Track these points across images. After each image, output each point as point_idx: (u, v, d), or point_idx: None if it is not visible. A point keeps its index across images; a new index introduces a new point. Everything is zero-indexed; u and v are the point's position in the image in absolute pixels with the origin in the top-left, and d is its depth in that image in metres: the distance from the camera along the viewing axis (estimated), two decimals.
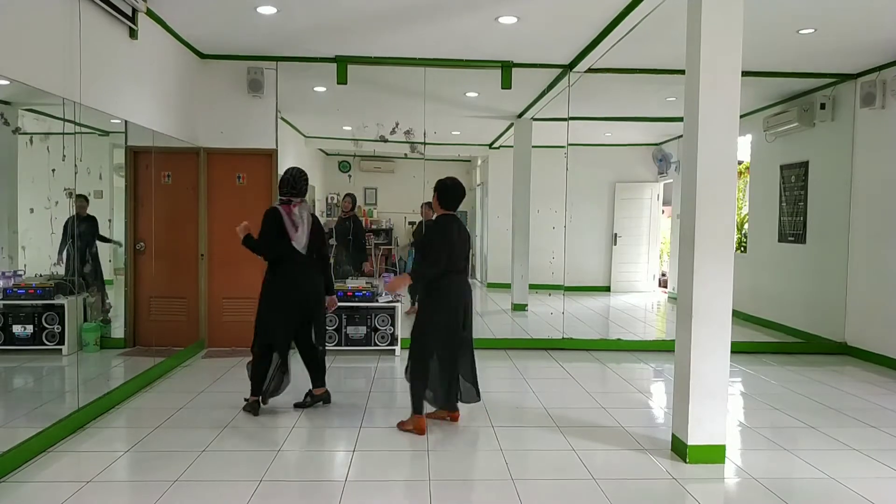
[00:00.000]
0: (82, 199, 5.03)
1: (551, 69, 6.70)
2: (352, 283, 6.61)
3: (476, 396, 4.41)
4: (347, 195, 8.00)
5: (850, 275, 6.92)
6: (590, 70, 6.53)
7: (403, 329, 6.64)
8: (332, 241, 7.63)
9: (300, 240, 4.36)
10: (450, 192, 4.26)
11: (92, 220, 5.44)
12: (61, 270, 4.93)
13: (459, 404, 4.40)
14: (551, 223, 6.02)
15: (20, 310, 4.91)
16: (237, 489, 3.27)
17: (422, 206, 7.87)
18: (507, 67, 6.54)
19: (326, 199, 10.43)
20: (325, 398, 4.72)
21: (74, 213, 4.72)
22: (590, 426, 4.36)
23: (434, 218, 4.35)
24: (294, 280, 4.42)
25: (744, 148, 8.77)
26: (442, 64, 6.49)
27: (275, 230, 4.34)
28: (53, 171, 4.52)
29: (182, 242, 6.43)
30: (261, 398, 4.48)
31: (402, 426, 4.22)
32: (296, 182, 4.44)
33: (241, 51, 6.32)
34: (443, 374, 4.25)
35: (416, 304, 6.47)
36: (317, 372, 4.67)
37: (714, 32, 3.64)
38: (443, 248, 4.09)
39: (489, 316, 8.78)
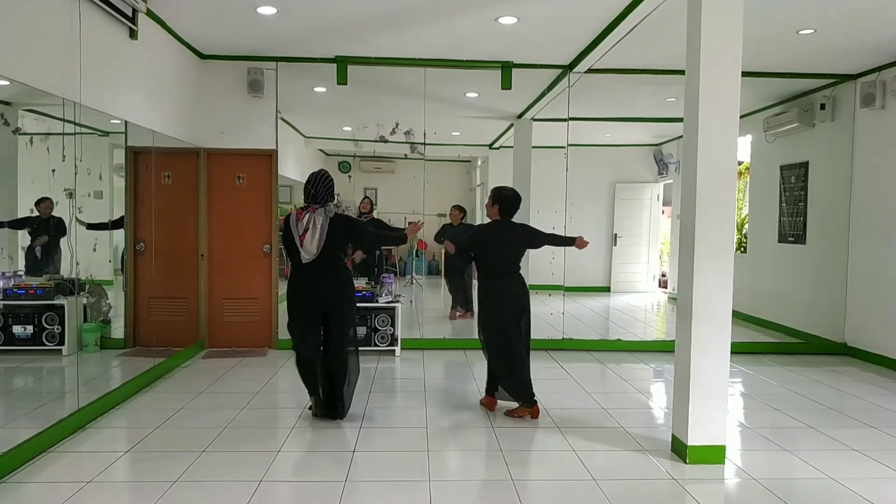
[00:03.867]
0: (48, 201, 4.82)
1: (551, 69, 6.70)
2: None
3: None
4: (366, 197, 8.31)
5: (850, 275, 6.92)
6: (590, 70, 6.53)
7: (403, 330, 6.64)
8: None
9: (308, 248, 4.16)
10: (508, 202, 4.55)
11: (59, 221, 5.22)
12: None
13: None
14: (551, 224, 6.01)
15: (20, 310, 4.91)
16: (237, 489, 3.27)
17: (451, 209, 8.15)
18: (506, 68, 6.54)
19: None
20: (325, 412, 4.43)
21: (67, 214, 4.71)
22: (590, 427, 4.36)
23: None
24: (300, 284, 4.27)
25: (744, 148, 8.77)
26: (442, 64, 6.49)
27: (285, 236, 4.29)
28: (53, 171, 4.51)
29: (182, 242, 6.43)
30: (319, 396, 4.36)
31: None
32: (312, 188, 4.26)
33: (241, 51, 6.32)
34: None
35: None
36: (335, 391, 4.35)
37: (714, 32, 3.64)
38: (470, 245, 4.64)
39: None
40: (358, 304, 6.33)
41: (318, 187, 4.26)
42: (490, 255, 4.54)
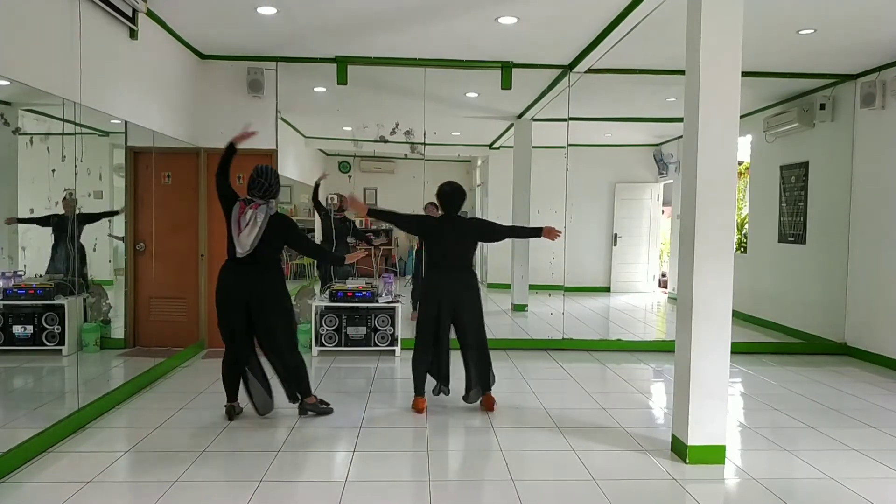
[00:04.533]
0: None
1: (551, 69, 6.70)
2: (352, 284, 6.61)
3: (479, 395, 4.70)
4: (328, 197, 8.01)
5: (850, 275, 6.92)
6: (590, 70, 6.53)
7: (403, 329, 6.64)
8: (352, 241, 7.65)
9: (243, 242, 4.12)
10: (446, 198, 4.67)
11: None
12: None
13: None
14: (551, 224, 6.05)
15: (20, 310, 4.91)
16: (237, 489, 3.27)
17: (426, 206, 7.89)
18: (507, 68, 6.54)
19: (326, 199, 10.42)
20: (316, 408, 4.47)
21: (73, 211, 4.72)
22: (590, 427, 4.36)
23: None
24: (228, 280, 4.24)
25: (744, 148, 8.77)
26: (442, 64, 6.49)
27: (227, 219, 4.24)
28: (53, 171, 4.52)
29: (182, 242, 6.42)
30: (235, 403, 4.41)
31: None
32: (266, 181, 4.23)
33: (241, 51, 6.32)
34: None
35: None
36: (288, 384, 4.42)
37: (714, 32, 3.64)
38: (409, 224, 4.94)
39: (489, 316, 8.67)
40: (358, 305, 6.40)
41: (272, 180, 4.26)
42: (433, 248, 4.67)
